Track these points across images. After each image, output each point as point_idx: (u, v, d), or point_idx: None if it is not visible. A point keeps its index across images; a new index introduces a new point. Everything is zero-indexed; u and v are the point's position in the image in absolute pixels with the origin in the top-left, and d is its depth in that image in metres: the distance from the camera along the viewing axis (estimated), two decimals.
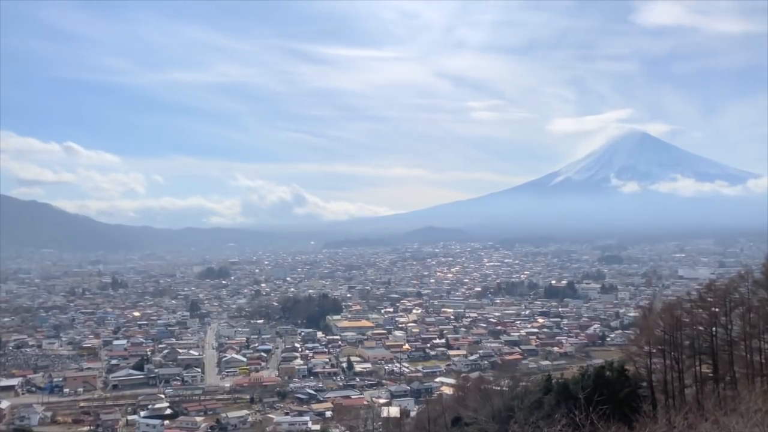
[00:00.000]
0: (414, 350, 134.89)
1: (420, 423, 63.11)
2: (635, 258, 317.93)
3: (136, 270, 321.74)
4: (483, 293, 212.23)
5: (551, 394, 42.58)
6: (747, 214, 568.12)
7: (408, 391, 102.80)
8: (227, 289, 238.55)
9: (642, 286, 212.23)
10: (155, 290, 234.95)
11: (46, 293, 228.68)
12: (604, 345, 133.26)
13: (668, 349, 42.44)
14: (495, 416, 42.33)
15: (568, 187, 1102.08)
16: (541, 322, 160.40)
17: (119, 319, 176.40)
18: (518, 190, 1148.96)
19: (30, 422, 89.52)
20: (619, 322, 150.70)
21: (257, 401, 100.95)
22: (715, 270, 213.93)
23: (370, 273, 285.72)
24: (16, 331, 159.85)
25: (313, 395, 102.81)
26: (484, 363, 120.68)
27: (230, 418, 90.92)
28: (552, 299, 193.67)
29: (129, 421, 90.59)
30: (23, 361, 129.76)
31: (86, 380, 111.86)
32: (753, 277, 44.92)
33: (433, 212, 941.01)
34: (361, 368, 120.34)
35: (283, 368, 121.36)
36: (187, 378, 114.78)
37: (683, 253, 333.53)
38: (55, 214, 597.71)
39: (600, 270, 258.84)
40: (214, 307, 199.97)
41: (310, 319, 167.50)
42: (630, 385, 40.65)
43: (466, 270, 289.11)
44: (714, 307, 42.94)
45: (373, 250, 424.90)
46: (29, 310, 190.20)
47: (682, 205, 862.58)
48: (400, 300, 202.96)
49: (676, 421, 24.52)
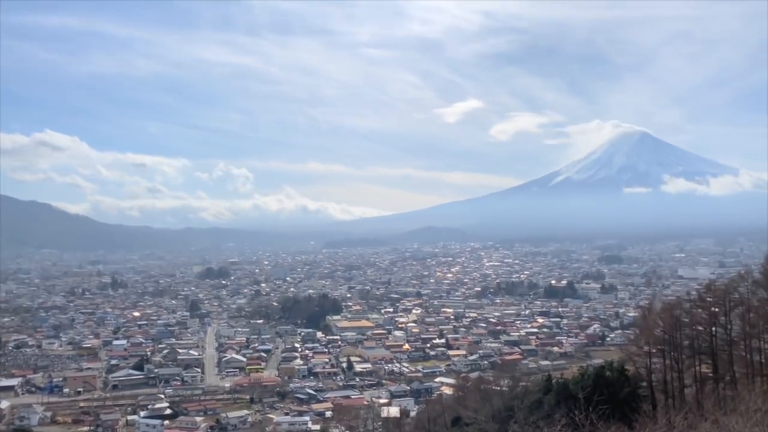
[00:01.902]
0: (414, 350, 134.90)
1: (420, 423, 63.10)
2: (635, 258, 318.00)
3: (135, 270, 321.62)
4: (483, 293, 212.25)
5: (551, 394, 42.62)
6: (747, 214, 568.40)
7: (408, 391, 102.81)
8: (227, 289, 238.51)
9: (642, 286, 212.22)
10: (155, 290, 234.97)
11: (45, 293, 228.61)
12: (603, 345, 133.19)
13: (668, 349, 42.47)
14: (495, 416, 42.30)
15: (568, 186, 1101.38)
16: (540, 322, 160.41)
17: (119, 319, 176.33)
18: (518, 190, 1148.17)
19: (30, 422, 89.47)
20: (619, 322, 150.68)
21: (257, 401, 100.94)
22: (714, 270, 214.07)
23: (370, 273, 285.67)
24: (16, 331, 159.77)
25: (313, 395, 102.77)
26: (483, 363, 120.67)
27: (230, 418, 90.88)
28: (552, 299, 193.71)
29: (129, 421, 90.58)
30: (23, 361, 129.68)
31: (86, 380, 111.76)
32: (752, 277, 45.00)
33: (433, 212, 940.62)
34: (361, 368, 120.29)
35: (283, 368, 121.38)
36: (187, 378, 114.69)
37: (683, 253, 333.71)
38: (55, 214, 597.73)
39: (600, 270, 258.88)
40: (213, 307, 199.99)
41: (310, 319, 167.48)
42: (630, 385, 40.69)
43: (466, 270, 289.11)
44: (714, 307, 42.97)
45: (373, 250, 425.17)
46: (29, 310, 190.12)
47: (682, 204, 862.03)
48: (400, 300, 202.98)
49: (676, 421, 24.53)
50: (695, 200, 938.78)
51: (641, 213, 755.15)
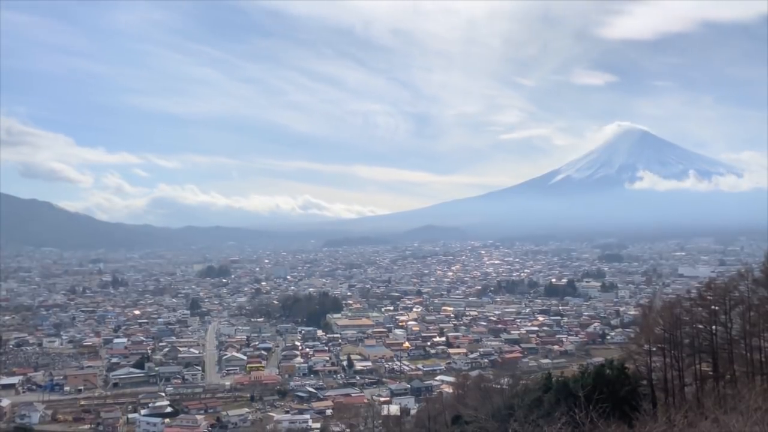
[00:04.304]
0: (414, 348, 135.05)
1: (420, 421, 63.12)
2: (635, 256, 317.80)
3: (136, 268, 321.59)
4: (483, 292, 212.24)
5: (551, 392, 42.53)
6: (747, 212, 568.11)
7: (408, 389, 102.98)
8: (227, 288, 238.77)
9: (642, 284, 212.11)
10: (156, 289, 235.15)
11: (46, 292, 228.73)
12: (604, 343, 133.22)
13: (668, 347, 42.45)
14: (495, 414, 42.33)
15: (568, 185, 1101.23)
16: (541, 320, 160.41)
17: (120, 317, 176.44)
18: (518, 189, 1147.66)
19: (30, 420, 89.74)
20: (619, 320, 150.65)
21: (257, 399, 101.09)
22: (715, 268, 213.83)
23: (370, 271, 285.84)
24: (17, 329, 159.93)
25: (313, 393, 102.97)
26: (484, 361, 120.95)
27: (231, 417, 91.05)
28: (552, 297, 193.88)
29: (129, 420, 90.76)
30: (24, 359, 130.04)
31: (87, 378, 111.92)
32: (753, 276, 44.98)
33: (433, 211, 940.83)
34: (361, 366, 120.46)
35: (284, 366, 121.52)
36: (188, 376, 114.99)
37: (683, 252, 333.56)
38: (55, 213, 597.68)
39: (600, 268, 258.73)
40: (214, 305, 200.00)
41: (311, 318, 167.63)
42: (630, 383, 40.63)
43: (467, 268, 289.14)
44: (714, 306, 42.96)
45: (374, 249, 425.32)
46: (30, 308, 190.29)
47: (682, 203, 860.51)
48: (401, 298, 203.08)
49: (676, 420, 24.59)
50: (695, 199, 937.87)
51: (642, 211, 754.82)
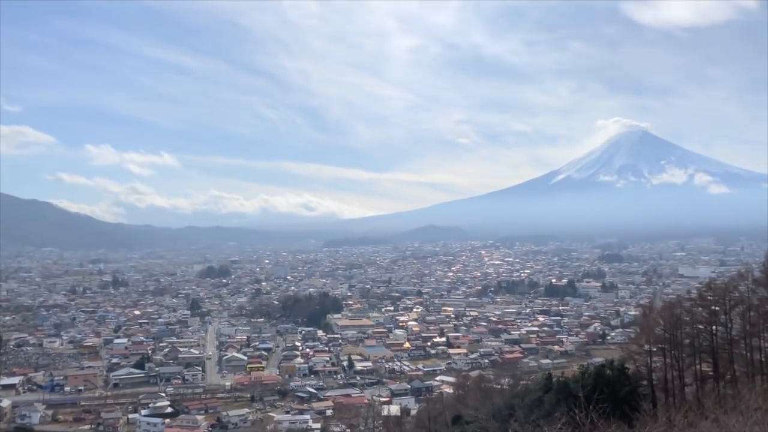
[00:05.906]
0: (414, 349, 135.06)
1: (420, 421, 63.09)
2: (636, 256, 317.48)
3: (136, 269, 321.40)
4: (483, 292, 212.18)
5: (551, 392, 42.60)
6: (747, 213, 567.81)
7: (408, 389, 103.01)
8: (228, 288, 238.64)
9: (642, 284, 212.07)
10: (156, 289, 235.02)
11: (46, 292, 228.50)
12: (604, 343, 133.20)
13: (668, 347, 42.50)
14: (495, 415, 42.31)
15: (569, 185, 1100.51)
16: (541, 320, 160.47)
17: (120, 317, 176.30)
18: (518, 189, 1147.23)
19: (31, 421, 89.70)
20: (620, 320, 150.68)
21: (258, 400, 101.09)
22: (715, 268, 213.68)
23: (370, 272, 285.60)
24: (17, 329, 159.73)
25: (313, 394, 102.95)
26: (484, 361, 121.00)
27: (231, 417, 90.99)
28: (552, 298, 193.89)
29: (130, 420, 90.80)
30: (24, 359, 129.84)
31: (87, 379, 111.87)
32: (753, 276, 45.00)
33: (434, 211, 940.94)
34: (361, 367, 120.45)
35: (284, 367, 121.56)
36: (188, 377, 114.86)
37: (684, 252, 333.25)
38: (56, 213, 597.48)
39: (600, 268, 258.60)
40: (214, 305, 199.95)
41: (311, 318, 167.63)
42: (630, 383, 40.71)
43: (467, 268, 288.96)
44: (714, 306, 42.97)
45: (374, 249, 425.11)
46: (30, 308, 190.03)
47: (682, 203, 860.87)
48: (401, 298, 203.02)
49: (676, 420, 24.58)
50: (696, 199, 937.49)
51: (642, 211, 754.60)
